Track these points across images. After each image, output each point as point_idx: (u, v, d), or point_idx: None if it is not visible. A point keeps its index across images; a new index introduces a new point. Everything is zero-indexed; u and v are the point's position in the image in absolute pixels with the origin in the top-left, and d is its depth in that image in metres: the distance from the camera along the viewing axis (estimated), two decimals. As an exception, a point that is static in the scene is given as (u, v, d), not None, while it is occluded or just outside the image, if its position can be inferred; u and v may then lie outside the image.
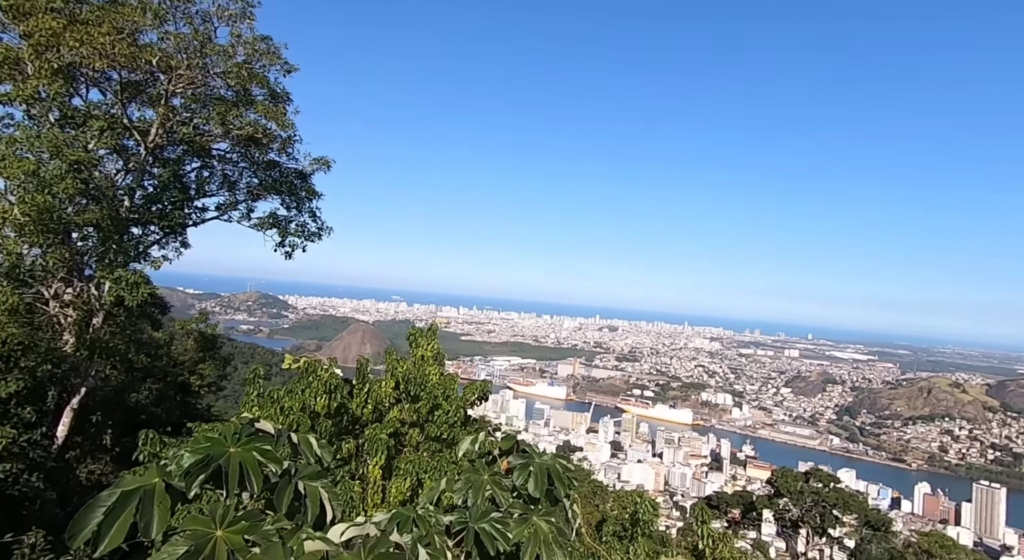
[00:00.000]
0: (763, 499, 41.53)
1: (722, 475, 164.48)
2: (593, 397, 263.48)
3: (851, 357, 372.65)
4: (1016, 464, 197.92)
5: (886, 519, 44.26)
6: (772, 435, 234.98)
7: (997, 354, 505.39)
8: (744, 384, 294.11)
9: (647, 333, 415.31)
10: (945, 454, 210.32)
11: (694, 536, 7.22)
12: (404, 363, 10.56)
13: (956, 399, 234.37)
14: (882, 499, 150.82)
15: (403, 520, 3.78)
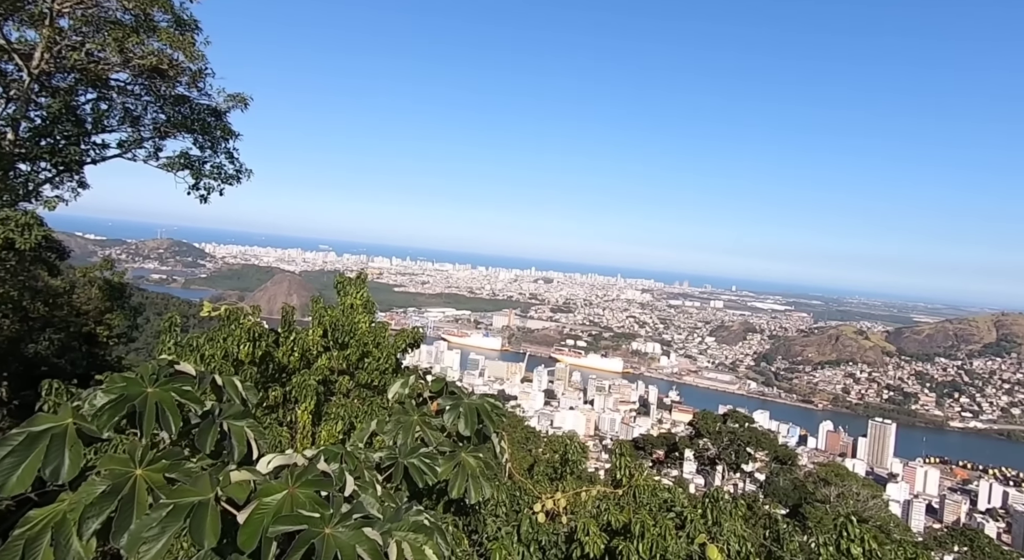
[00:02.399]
0: (685, 440, 45.29)
1: (649, 419, 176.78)
2: (528, 348, 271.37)
3: (770, 307, 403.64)
4: (906, 402, 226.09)
5: (792, 454, 49.67)
6: (696, 381, 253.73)
7: (896, 304, 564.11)
8: (672, 334, 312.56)
9: (581, 285, 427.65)
10: (847, 395, 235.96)
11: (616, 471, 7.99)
12: (332, 311, 10.49)
13: (859, 345, 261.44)
14: (791, 437, 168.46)
15: (332, 456, 3.95)
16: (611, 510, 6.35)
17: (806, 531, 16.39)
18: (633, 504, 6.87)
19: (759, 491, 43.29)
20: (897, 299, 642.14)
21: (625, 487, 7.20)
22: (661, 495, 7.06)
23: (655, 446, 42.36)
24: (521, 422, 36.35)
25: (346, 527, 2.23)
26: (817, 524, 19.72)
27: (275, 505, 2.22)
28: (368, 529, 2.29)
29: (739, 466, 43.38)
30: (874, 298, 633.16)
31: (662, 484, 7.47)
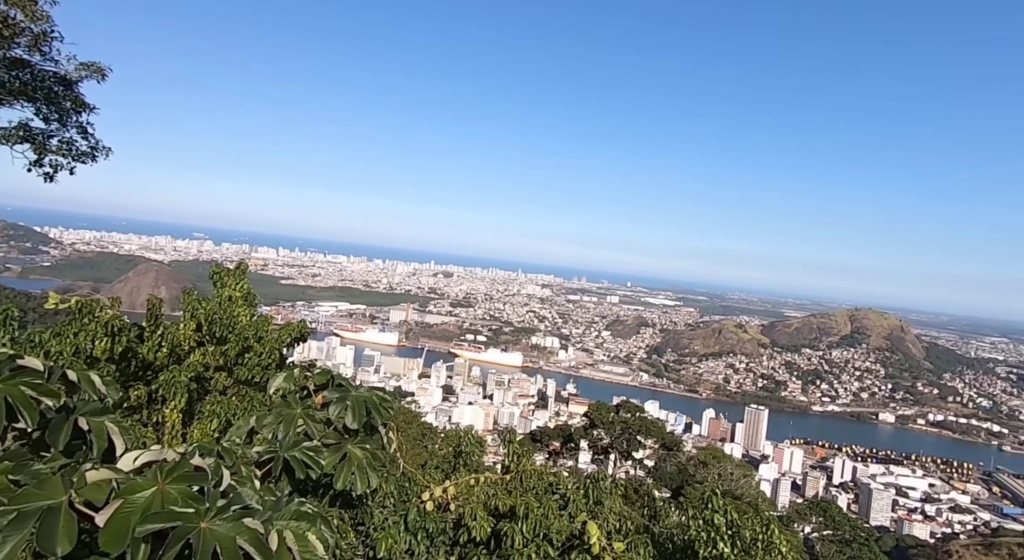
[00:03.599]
0: (580, 431, 47.57)
1: (547, 412, 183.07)
2: (426, 343, 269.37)
3: (662, 303, 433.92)
4: (777, 390, 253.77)
5: (678, 441, 53.90)
6: (593, 374, 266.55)
7: (771, 299, 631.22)
8: (571, 328, 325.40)
9: (482, 279, 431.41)
10: (728, 384, 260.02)
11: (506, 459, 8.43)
12: (208, 303, 9.91)
13: (739, 338, 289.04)
14: (678, 425, 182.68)
15: (206, 452, 3.85)
16: (498, 495, 6.73)
17: (682, 509, 18.03)
18: (520, 489, 7.32)
19: (647, 477, 46.65)
20: (771, 295, 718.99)
21: (513, 473, 7.64)
22: (547, 479, 7.58)
23: (551, 438, 44.10)
24: (417, 418, 36.23)
25: (224, 520, 2.15)
26: (691, 502, 21.85)
27: (143, 503, 2.10)
28: (248, 520, 2.22)
29: (630, 454, 46.31)
30: (752, 294, 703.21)
31: (548, 469, 8.00)
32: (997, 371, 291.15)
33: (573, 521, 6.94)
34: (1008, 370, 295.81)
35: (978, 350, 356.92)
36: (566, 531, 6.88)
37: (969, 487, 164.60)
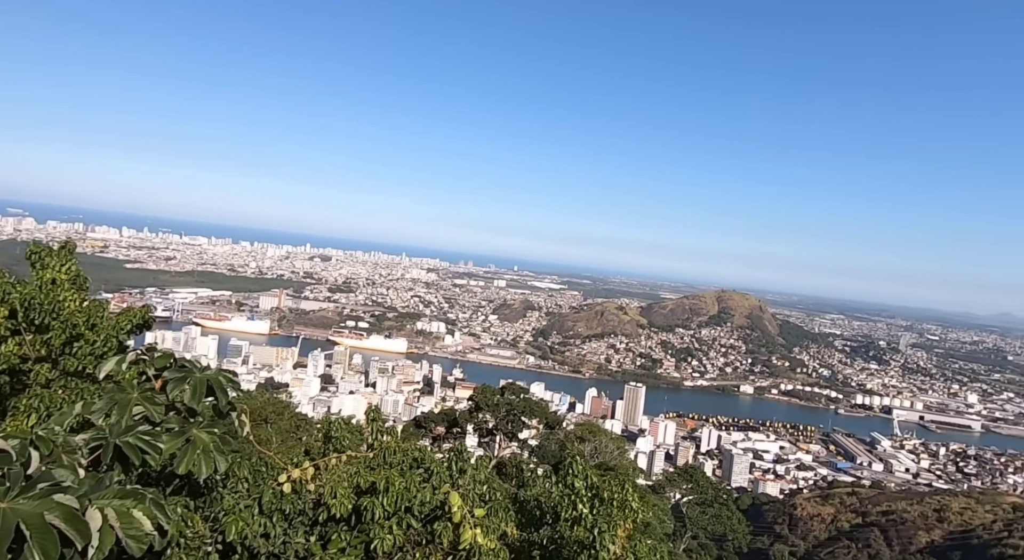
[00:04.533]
0: (465, 414, 48.57)
1: (433, 398, 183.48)
2: (302, 331, 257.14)
3: (548, 286, 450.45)
4: (654, 367, 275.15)
5: (561, 419, 56.84)
6: (480, 358, 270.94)
7: (649, 282, 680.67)
8: (457, 313, 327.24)
9: (363, 263, 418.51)
10: (609, 364, 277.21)
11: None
12: (25, 287, 8.92)
13: (620, 319, 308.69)
14: (562, 405, 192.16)
15: (11, 437, 3.62)
16: (360, 472, 6.98)
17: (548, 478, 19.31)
18: (384, 465, 7.61)
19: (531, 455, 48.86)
20: (650, 279, 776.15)
21: (376, 450, 7.91)
22: (411, 454, 7.95)
23: (436, 422, 44.63)
24: (289, 408, 34.84)
25: (29, 498, 2.03)
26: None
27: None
28: (60, 496, 2.11)
29: (515, 435, 48.25)
30: (633, 277, 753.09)
31: (413, 445, 8.37)
32: (835, 344, 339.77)
33: (437, 492, 7.38)
34: (844, 343, 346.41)
35: (821, 326, 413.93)
36: (431, 502, 7.30)
37: (811, 447, 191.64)
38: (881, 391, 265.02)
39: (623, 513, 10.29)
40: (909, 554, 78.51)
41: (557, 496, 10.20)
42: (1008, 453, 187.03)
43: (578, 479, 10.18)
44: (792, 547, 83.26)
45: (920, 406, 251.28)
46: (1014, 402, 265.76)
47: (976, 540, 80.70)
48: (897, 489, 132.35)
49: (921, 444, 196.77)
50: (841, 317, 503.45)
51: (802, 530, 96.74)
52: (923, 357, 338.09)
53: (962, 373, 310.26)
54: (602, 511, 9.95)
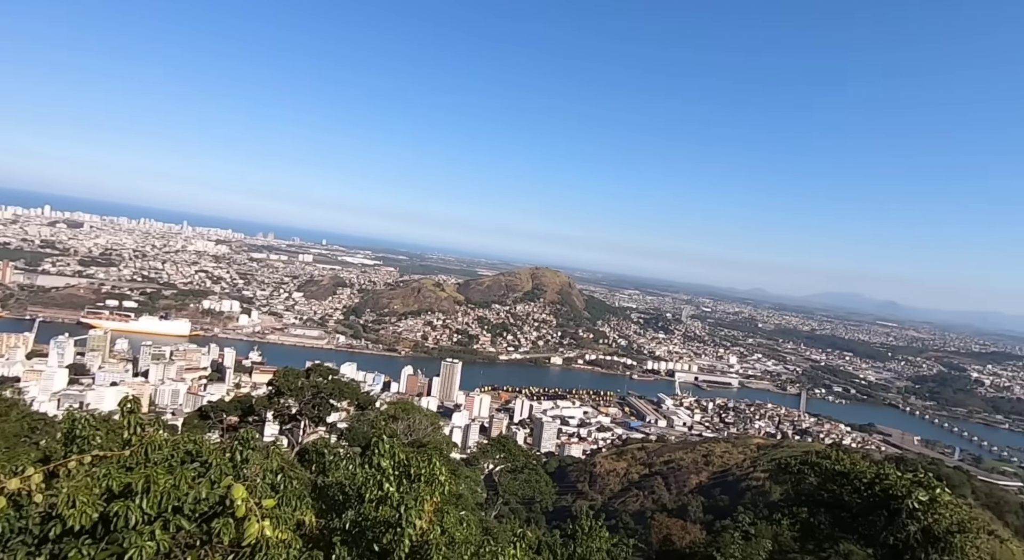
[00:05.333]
0: (263, 400, 45.08)
1: (224, 385, 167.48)
2: (39, 312, 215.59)
3: (360, 262, 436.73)
4: (470, 343, 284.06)
5: (373, 399, 55.75)
6: (282, 339, 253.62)
7: (467, 259, 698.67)
8: (255, 290, 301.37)
9: (130, 232, 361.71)
10: (426, 341, 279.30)
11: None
12: None
13: (437, 296, 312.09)
14: (376, 384, 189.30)
15: None
16: (112, 474, 5.96)
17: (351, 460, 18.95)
18: (146, 463, 6.62)
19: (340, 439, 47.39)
20: (468, 255, 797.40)
21: (136, 446, 6.85)
22: (184, 448, 7.03)
23: (227, 411, 40.75)
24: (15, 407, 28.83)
25: None
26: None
27: None
28: None
29: (322, 419, 46.26)
30: (450, 254, 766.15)
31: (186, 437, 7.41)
32: (632, 317, 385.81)
33: (216, 487, 6.65)
34: (639, 316, 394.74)
35: (620, 301, 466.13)
36: (208, 499, 6.55)
37: (610, 410, 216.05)
38: (667, 357, 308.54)
39: (431, 488, 10.41)
40: (683, 494, 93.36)
41: (362, 478, 9.97)
42: (756, 403, 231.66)
43: (384, 458, 10.04)
44: (591, 501, 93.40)
45: (696, 368, 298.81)
46: (762, 361, 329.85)
47: (731, 477, 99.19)
48: (676, 441, 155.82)
49: (695, 401, 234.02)
50: (637, 292, 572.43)
51: (600, 485, 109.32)
52: (699, 326, 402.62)
53: (727, 339, 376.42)
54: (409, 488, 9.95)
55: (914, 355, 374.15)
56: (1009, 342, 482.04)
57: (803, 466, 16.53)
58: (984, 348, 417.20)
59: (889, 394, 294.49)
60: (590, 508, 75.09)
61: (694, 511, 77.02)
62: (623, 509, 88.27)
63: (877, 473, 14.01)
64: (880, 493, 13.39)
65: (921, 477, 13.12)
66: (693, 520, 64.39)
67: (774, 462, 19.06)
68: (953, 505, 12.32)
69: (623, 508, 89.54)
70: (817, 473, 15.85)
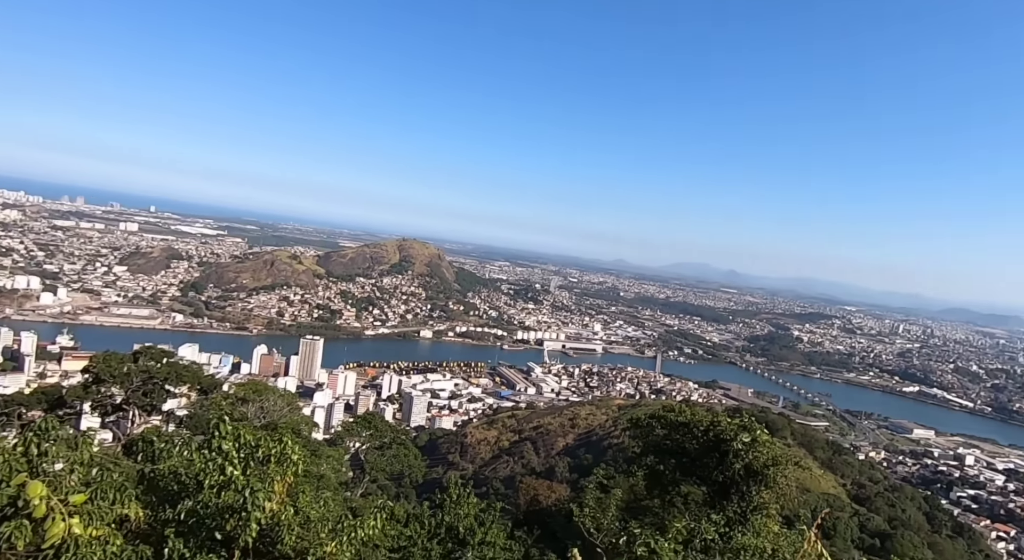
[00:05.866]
0: (77, 390, 40.14)
1: (23, 375, 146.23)
2: None
3: (200, 232, 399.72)
4: (333, 318, 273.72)
5: (218, 383, 51.94)
6: (102, 320, 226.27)
7: (327, 230, 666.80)
8: (61, 263, 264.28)
9: None
10: (282, 318, 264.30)
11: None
12: None
13: (294, 269, 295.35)
14: (224, 366, 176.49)
15: None
16: None
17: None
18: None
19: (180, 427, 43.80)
20: (328, 225, 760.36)
21: None
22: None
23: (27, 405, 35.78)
24: None
25: None
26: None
27: None
28: None
29: (155, 407, 42.34)
30: (308, 224, 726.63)
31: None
32: (502, 288, 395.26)
33: (5, 487, 5.88)
34: (509, 287, 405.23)
35: (490, 272, 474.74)
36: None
37: (481, 381, 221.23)
38: (536, 327, 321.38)
39: (283, 468, 10.08)
40: (551, 457, 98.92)
41: (200, 464, 9.37)
42: (618, 367, 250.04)
43: (227, 441, 9.50)
44: (463, 471, 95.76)
45: (563, 337, 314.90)
46: (623, 328, 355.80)
47: (595, 436, 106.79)
48: (545, 407, 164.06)
49: (563, 368, 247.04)
50: (508, 264, 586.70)
51: (471, 454, 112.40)
52: (566, 296, 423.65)
53: (592, 308, 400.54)
54: (257, 471, 9.56)
55: (750, 318, 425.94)
56: (822, 304, 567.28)
57: (651, 420, 18.30)
58: (804, 310, 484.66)
59: (729, 353, 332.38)
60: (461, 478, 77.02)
61: (561, 471, 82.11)
62: (494, 476, 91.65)
63: (711, 421, 15.96)
64: (713, 438, 15.32)
65: (745, 422, 15.32)
66: (560, 480, 68.58)
67: (629, 420, 20.79)
68: (769, 444, 14.50)
69: (494, 475, 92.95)
70: (663, 425, 17.66)
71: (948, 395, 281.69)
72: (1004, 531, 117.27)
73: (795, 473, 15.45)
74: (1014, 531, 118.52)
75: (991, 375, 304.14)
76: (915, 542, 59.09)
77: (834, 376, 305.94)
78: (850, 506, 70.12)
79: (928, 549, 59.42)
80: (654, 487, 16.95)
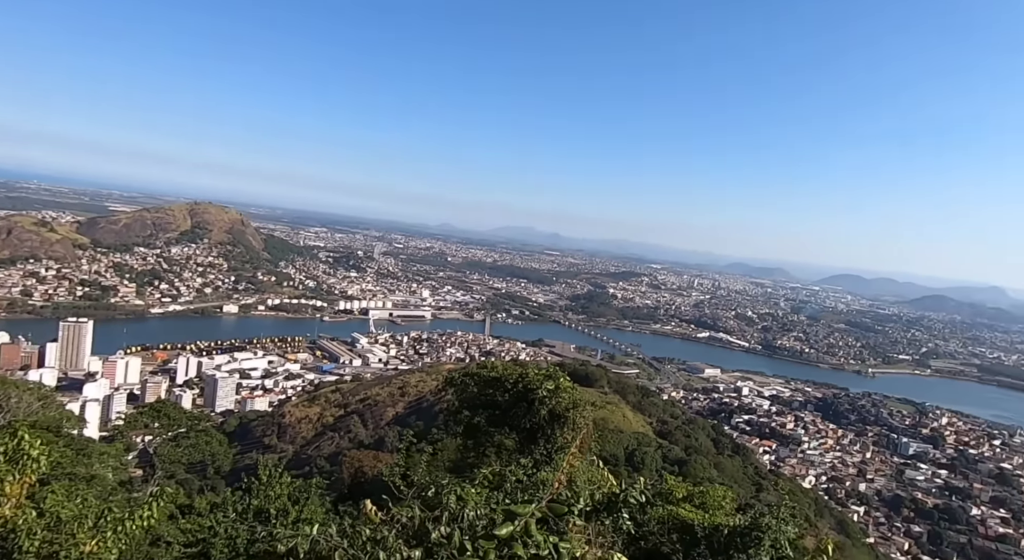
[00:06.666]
0: None
1: None
2: None
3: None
4: (104, 296, 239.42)
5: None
6: None
7: (89, 191, 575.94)
8: None
9: None
10: (30, 298, 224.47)
11: None
12: None
13: (43, 239, 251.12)
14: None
15: None
16: None
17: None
18: None
19: None
20: (90, 186, 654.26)
21: None
22: None
23: None
24: None
25: None
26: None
27: None
28: None
29: None
30: (60, 183, 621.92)
31: None
32: (320, 256, 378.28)
33: None
34: (327, 255, 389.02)
35: (306, 239, 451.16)
36: None
37: (299, 356, 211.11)
38: (360, 296, 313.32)
39: (18, 467, 9.02)
40: (380, 428, 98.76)
41: None
42: (447, 332, 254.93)
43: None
44: (281, 453, 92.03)
45: (390, 305, 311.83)
46: (452, 293, 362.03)
47: (426, 403, 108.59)
48: (373, 378, 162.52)
49: (391, 336, 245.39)
50: (325, 230, 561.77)
51: (291, 435, 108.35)
52: (392, 263, 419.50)
53: (419, 274, 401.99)
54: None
55: (571, 278, 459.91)
56: (634, 263, 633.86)
57: (465, 377, 19.19)
58: (618, 269, 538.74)
59: (554, 312, 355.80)
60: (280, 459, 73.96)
61: (391, 441, 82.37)
62: (317, 454, 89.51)
63: (520, 374, 17.23)
64: (522, 389, 16.59)
65: (549, 372, 16.84)
66: (391, 450, 68.84)
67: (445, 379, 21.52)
68: (570, 389, 16.19)
69: (317, 453, 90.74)
70: (476, 382, 18.60)
71: (730, 338, 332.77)
72: (768, 446, 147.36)
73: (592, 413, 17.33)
74: (775, 444, 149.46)
75: (761, 319, 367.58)
76: (704, 464, 71.41)
77: (643, 328, 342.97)
78: (655, 441, 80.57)
79: (714, 469, 71.99)
80: (467, 439, 18.04)
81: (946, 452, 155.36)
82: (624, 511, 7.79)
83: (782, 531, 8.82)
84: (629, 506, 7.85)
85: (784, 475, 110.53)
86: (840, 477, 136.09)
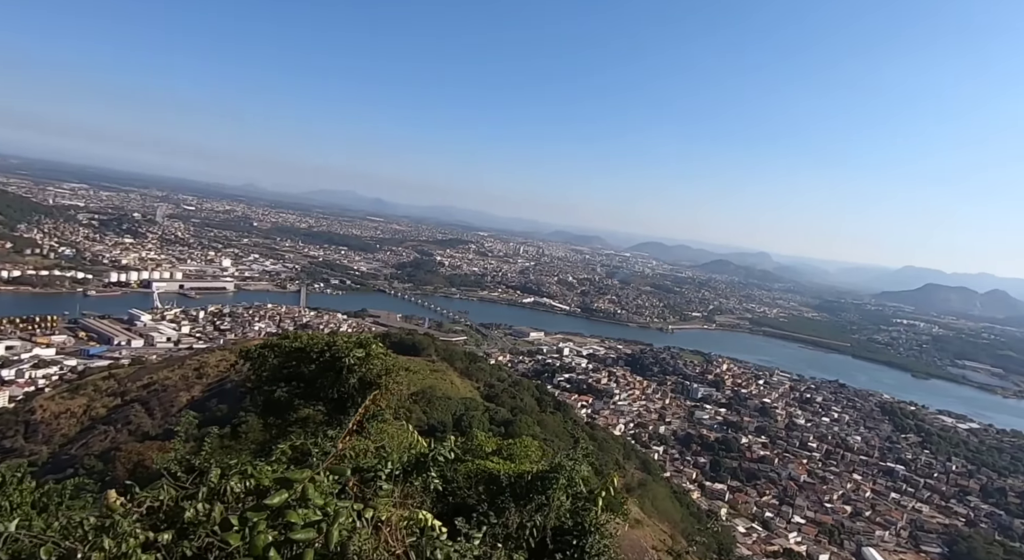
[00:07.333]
0: None
1: None
2: None
3: None
4: None
5: None
6: None
7: None
8: None
9: None
10: None
11: None
12: None
13: None
14: None
15: None
16: None
17: None
18: None
19: None
20: None
21: None
22: None
23: None
24: None
25: None
26: None
27: None
28: None
29: None
30: None
31: None
32: (79, 218, 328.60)
33: None
34: (90, 217, 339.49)
35: (58, 197, 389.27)
36: None
37: (54, 339, 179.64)
38: (139, 265, 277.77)
39: None
40: (171, 416, 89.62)
41: None
42: (255, 305, 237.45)
43: None
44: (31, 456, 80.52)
45: (180, 276, 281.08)
46: (259, 262, 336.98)
47: (230, 383, 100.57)
48: (159, 360, 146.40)
49: (182, 312, 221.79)
50: (84, 186, 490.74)
51: (46, 433, 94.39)
52: (181, 227, 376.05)
53: (217, 240, 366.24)
54: None
55: (397, 245, 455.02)
56: (461, 230, 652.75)
57: (263, 350, 17.95)
58: (445, 236, 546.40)
59: (378, 281, 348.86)
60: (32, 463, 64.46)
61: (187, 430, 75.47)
62: (85, 453, 79.02)
63: (327, 343, 16.51)
64: (329, 358, 15.91)
65: (360, 339, 16.38)
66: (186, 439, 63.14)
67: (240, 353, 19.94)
68: (383, 356, 15.90)
69: (85, 452, 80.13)
70: (277, 354, 17.50)
71: (553, 302, 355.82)
72: (585, 400, 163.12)
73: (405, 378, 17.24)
74: (592, 399, 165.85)
75: (580, 283, 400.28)
76: (528, 422, 76.23)
77: (471, 295, 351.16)
78: (483, 404, 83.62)
79: (537, 426, 77.25)
80: (267, 416, 17.02)
81: (725, 393, 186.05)
82: (433, 470, 7.80)
83: (576, 470, 9.65)
84: (438, 465, 7.88)
85: (599, 425, 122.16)
86: (644, 423, 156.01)
